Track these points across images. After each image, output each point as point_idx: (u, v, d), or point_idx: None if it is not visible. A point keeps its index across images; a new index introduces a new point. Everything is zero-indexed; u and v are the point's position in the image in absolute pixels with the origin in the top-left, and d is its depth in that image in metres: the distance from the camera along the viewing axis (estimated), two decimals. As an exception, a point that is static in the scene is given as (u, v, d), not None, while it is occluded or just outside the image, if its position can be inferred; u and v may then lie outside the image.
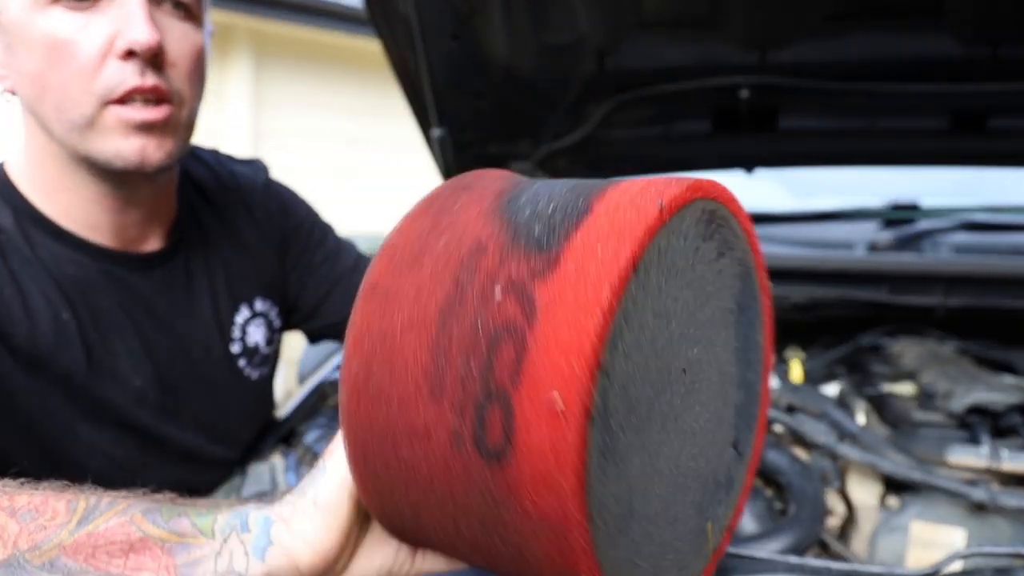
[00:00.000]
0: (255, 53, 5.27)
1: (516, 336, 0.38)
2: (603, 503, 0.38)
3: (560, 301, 0.37)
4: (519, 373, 0.37)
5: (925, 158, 1.60)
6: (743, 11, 1.21)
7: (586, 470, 0.36)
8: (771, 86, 1.35)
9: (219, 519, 0.50)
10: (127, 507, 0.50)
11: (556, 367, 0.36)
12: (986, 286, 1.33)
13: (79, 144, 0.74)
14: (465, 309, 0.40)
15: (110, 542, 0.48)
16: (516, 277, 0.39)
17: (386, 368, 0.42)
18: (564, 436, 0.36)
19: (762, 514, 0.88)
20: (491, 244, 0.42)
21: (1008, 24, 1.19)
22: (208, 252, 0.92)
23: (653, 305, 0.40)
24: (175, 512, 0.50)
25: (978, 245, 1.49)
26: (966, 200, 1.73)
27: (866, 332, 1.39)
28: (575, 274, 0.38)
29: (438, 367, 0.40)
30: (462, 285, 0.41)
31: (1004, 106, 1.39)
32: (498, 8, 1.18)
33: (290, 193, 1.05)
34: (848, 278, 1.38)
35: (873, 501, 0.96)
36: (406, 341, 0.42)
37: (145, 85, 0.72)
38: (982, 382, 1.07)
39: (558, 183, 0.46)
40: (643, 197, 0.40)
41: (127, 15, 0.71)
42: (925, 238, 1.52)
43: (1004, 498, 0.88)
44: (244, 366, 0.94)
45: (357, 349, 0.44)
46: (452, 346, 0.40)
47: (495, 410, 0.38)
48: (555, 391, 0.36)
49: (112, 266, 0.82)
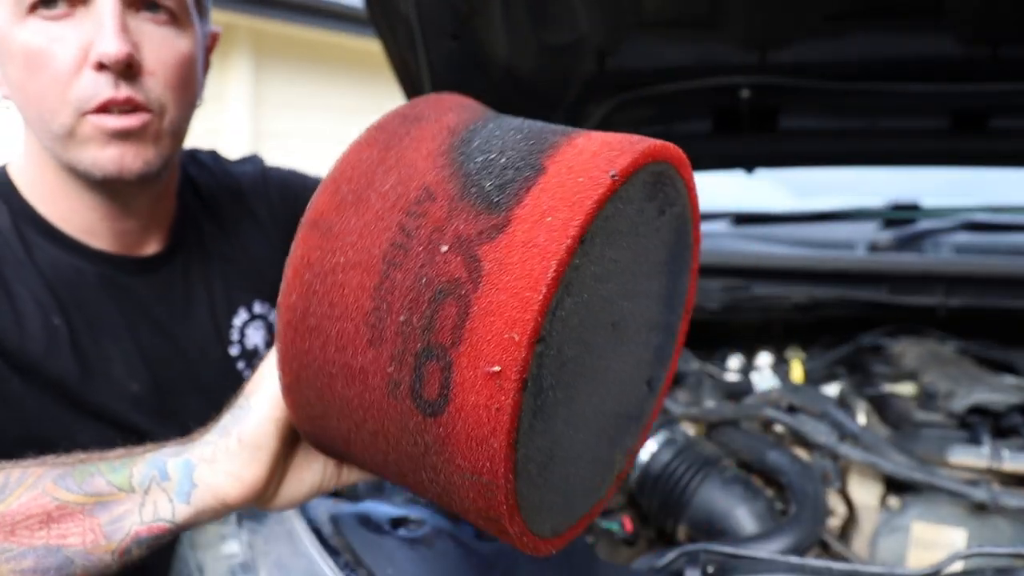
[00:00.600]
0: (255, 54, 5.27)
1: (460, 297, 0.38)
2: (528, 456, 0.40)
3: (507, 269, 0.37)
4: (461, 334, 0.38)
5: (925, 158, 1.60)
6: (743, 11, 1.21)
7: (517, 432, 0.38)
8: (771, 86, 1.35)
9: (135, 472, 0.51)
10: (37, 479, 0.50)
11: (498, 335, 0.37)
12: (987, 286, 1.32)
13: (61, 153, 0.75)
14: (410, 259, 0.40)
15: (27, 516, 0.49)
16: (464, 234, 0.39)
17: (325, 305, 0.43)
18: (499, 401, 0.37)
19: (763, 514, 0.88)
20: (440, 192, 0.41)
21: (1008, 24, 1.19)
22: (206, 255, 0.91)
23: (594, 270, 0.40)
24: (87, 473, 0.51)
25: (979, 245, 1.49)
26: (966, 200, 1.73)
27: (867, 332, 1.39)
28: (523, 243, 0.38)
29: (379, 315, 0.41)
30: (408, 233, 0.41)
31: (1004, 106, 1.39)
32: (498, 8, 1.18)
33: (290, 175, 1.04)
34: (848, 278, 1.38)
35: (874, 501, 0.96)
36: (348, 281, 0.42)
37: (118, 97, 0.72)
38: (983, 382, 1.07)
39: (513, 125, 0.45)
40: (595, 163, 0.40)
41: (99, 27, 0.71)
42: (926, 238, 1.52)
43: (1005, 498, 0.88)
44: (243, 369, 0.94)
45: (296, 281, 0.44)
46: (395, 295, 0.40)
47: (434, 366, 0.39)
48: (495, 361, 0.37)
49: (109, 269, 0.82)
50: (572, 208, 0.38)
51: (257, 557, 0.71)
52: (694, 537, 0.90)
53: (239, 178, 0.99)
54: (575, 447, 0.46)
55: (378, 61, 1.45)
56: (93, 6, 0.71)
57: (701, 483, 0.90)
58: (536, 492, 0.42)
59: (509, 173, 0.40)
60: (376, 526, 0.72)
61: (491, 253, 0.38)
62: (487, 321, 0.37)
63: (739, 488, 0.90)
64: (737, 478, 0.91)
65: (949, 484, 0.90)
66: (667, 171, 0.45)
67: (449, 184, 0.41)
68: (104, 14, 0.71)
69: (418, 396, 0.40)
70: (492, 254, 0.38)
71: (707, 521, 0.89)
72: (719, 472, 0.92)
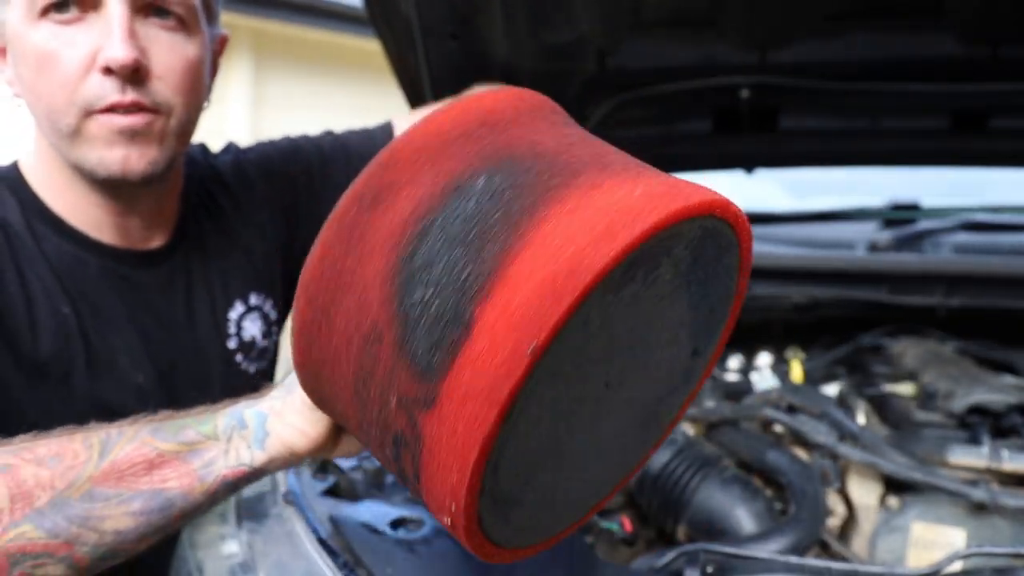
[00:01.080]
0: (255, 54, 5.27)
1: (411, 453, 0.41)
2: (493, 509, 0.43)
3: (440, 444, 0.39)
4: (418, 479, 0.42)
5: (925, 158, 1.60)
6: (743, 11, 1.21)
7: (478, 519, 0.42)
8: (771, 86, 1.35)
9: (219, 423, 0.58)
10: (135, 432, 0.57)
11: (440, 497, 0.41)
12: (986, 286, 1.32)
13: (68, 152, 0.76)
14: (371, 400, 0.43)
15: (133, 464, 0.55)
16: (405, 395, 0.40)
17: (327, 369, 0.46)
18: (455, 517, 0.41)
19: (762, 514, 0.88)
20: (386, 336, 0.41)
21: (1008, 24, 1.19)
22: (204, 250, 0.93)
23: (547, 396, 0.40)
24: (179, 426, 0.58)
25: (978, 245, 1.49)
26: (966, 200, 1.73)
27: (866, 332, 1.39)
28: (450, 427, 0.39)
29: (360, 412, 0.44)
30: (366, 372, 0.42)
31: (1004, 106, 1.39)
32: (498, 8, 1.18)
33: (261, 152, 1.04)
34: (848, 278, 1.38)
35: (873, 501, 0.96)
36: (336, 379, 0.46)
37: (124, 101, 0.73)
38: (983, 382, 1.07)
39: (461, 223, 0.40)
40: (521, 327, 0.37)
41: (108, 32, 0.72)
42: (925, 238, 1.52)
43: (1004, 498, 0.88)
44: (241, 360, 0.95)
45: (299, 342, 0.47)
46: (367, 416, 0.44)
47: (403, 463, 0.43)
48: (445, 511, 0.41)
49: (112, 262, 0.83)
50: (490, 397, 0.37)
51: (256, 557, 0.71)
52: (693, 537, 0.90)
53: (222, 169, 1.00)
54: (554, 491, 0.48)
55: (378, 61, 1.45)
56: (103, 11, 0.73)
57: (700, 483, 0.90)
58: (501, 528, 0.45)
59: (437, 331, 0.39)
60: (375, 527, 0.72)
61: (428, 424, 0.40)
62: (432, 483, 0.41)
63: (738, 488, 0.90)
64: (736, 478, 0.91)
65: (948, 484, 0.90)
66: (657, 246, 0.41)
67: (392, 327, 0.41)
68: (113, 19, 0.72)
69: (398, 465, 0.44)
70: (428, 426, 0.40)
71: (706, 521, 0.89)
72: (718, 472, 0.92)
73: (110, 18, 0.73)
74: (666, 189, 0.41)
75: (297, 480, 0.82)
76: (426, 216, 0.41)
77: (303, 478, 0.83)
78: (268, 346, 1.00)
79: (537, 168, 0.42)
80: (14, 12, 0.75)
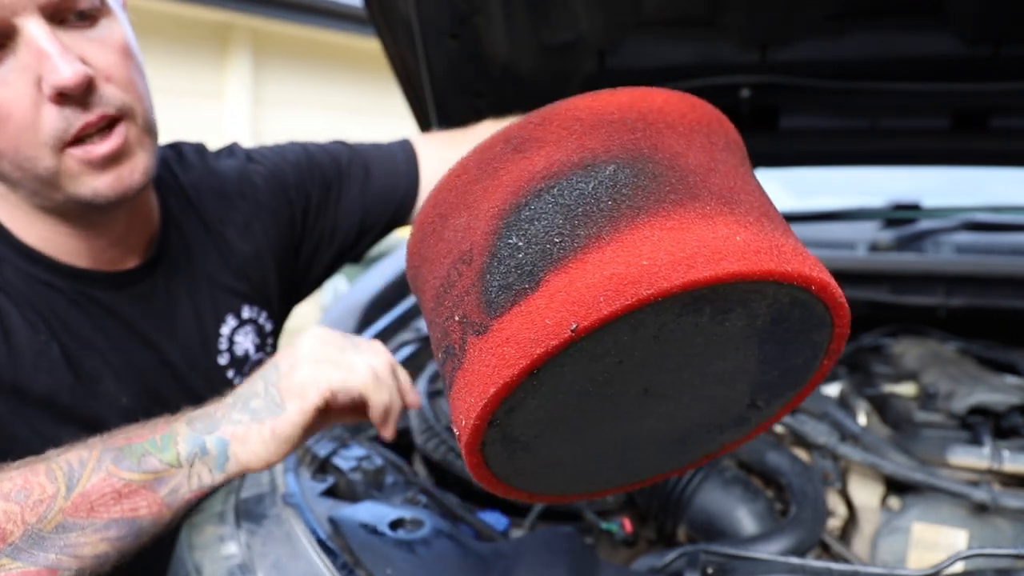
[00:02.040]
0: (254, 52, 5.27)
1: (453, 364, 0.46)
2: (495, 451, 0.48)
3: (474, 367, 0.44)
4: (450, 388, 0.47)
5: (926, 158, 1.59)
6: (743, 10, 1.21)
7: (481, 444, 0.46)
8: (772, 85, 1.34)
9: (180, 450, 0.62)
10: (97, 461, 0.59)
11: (460, 409, 0.45)
12: (988, 286, 1.32)
13: (57, 192, 0.72)
14: (443, 307, 0.47)
15: (102, 495, 0.58)
16: (467, 315, 0.45)
17: (426, 267, 0.52)
18: (464, 430, 0.45)
19: (763, 515, 0.88)
20: (474, 262, 0.45)
21: (1010, 23, 1.19)
22: (191, 263, 0.90)
23: (594, 368, 0.43)
24: (140, 453, 0.61)
25: (980, 245, 1.49)
26: (968, 200, 1.73)
27: (867, 332, 1.39)
28: (489, 354, 0.43)
29: (433, 314, 0.49)
30: (448, 284, 0.47)
31: (1006, 106, 1.38)
32: (498, 7, 1.17)
33: (271, 162, 1.01)
34: (849, 278, 1.37)
35: (874, 502, 0.96)
36: (423, 287, 0.52)
37: (92, 120, 0.69)
38: (984, 382, 1.07)
39: (571, 197, 0.44)
40: (571, 306, 0.40)
41: (41, 58, 0.66)
42: (926, 238, 1.52)
43: (1006, 499, 0.88)
44: (233, 376, 0.93)
45: (415, 236, 0.53)
46: (434, 326, 0.49)
47: (449, 368, 0.48)
48: (459, 419, 0.45)
49: (86, 286, 0.80)
50: (527, 346, 0.41)
51: (255, 558, 0.71)
52: (694, 538, 0.89)
53: (223, 174, 0.96)
54: (562, 457, 0.52)
55: (378, 60, 1.45)
56: (22, 39, 0.66)
57: (701, 484, 0.90)
58: (502, 463, 0.49)
59: (513, 276, 0.43)
60: (374, 527, 0.72)
61: (472, 347, 0.44)
62: (458, 397, 0.46)
63: (739, 489, 0.89)
64: (737, 479, 0.91)
65: (950, 485, 0.89)
66: (732, 293, 0.42)
67: (483, 257, 0.45)
68: (40, 42, 0.65)
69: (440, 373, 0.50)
70: (472, 349, 0.44)
71: (707, 522, 0.88)
72: (719, 473, 0.91)
73: (35, 42, 0.65)
74: (768, 246, 0.42)
75: (296, 481, 0.82)
76: (551, 178, 0.45)
77: (302, 479, 0.83)
78: (263, 358, 0.97)
79: (665, 178, 0.44)
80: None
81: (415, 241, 0.53)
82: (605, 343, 0.41)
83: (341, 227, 1.03)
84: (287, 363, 0.68)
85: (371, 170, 1.05)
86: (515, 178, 0.46)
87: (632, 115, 0.47)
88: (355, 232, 1.04)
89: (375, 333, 1.45)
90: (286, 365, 0.67)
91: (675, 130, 0.47)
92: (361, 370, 0.69)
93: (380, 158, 1.07)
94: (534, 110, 0.48)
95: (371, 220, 1.05)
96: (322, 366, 0.67)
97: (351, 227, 1.04)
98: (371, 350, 0.72)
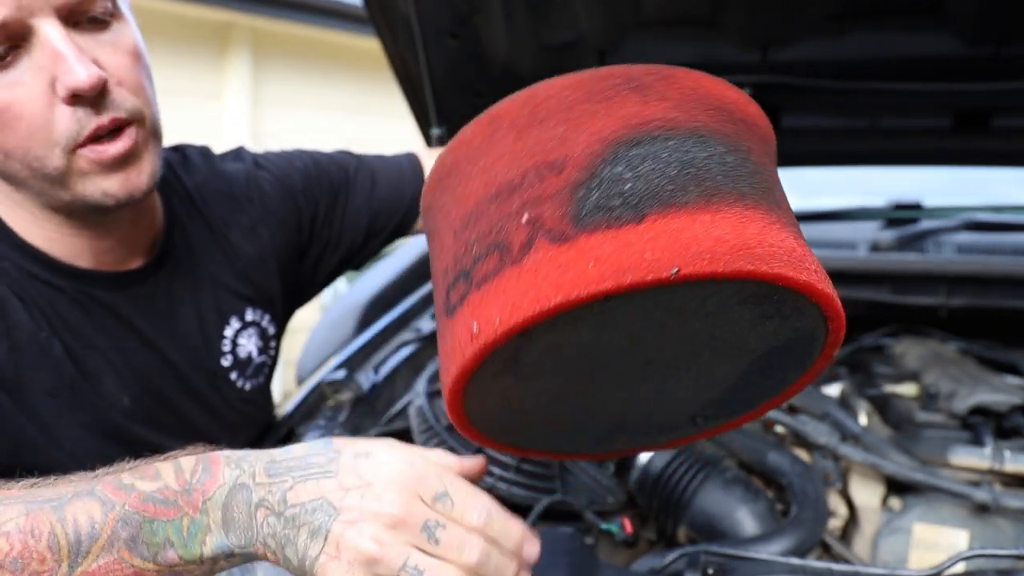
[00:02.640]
0: (253, 52, 5.26)
1: (502, 261, 0.45)
2: (488, 387, 0.48)
3: (536, 270, 0.42)
4: (482, 282, 0.45)
5: (927, 157, 1.59)
6: (744, 10, 1.21)
7: (471, 378, 0.47)
8: (773, 85, 1.34)
9: (206, 550, 0.52)
10: (109, 538, 0.50)
11: (494, 313, 0.43)
12: (989, 286, 1.32)
13: (64, 192, 0.72)
14: (507, 202, 0.46)
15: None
16: (542, 220, 0.44)
17: (454, 179, 0.51)
18: (467, 350, 0.45)
19: (764, 515, 0.88)
20: (568, 171, 0.45)
21: (1011, 22, 1.19)
22: (194, 265, 0.89)
23: (616, 325, 0.44)
24: (161, 541, 0.51)
25: (981, 245, 1.48)
26: (969, 200, 1.73)
27: (868, 332, 1.39)
28: (554, 265, 0.42)
29: (465, 222, 0.48)
30: (520, 184, 0.46)
31: (1007, 105, 1.38)
32: (498, 7, 1.17)
33: (279, 168, 1.01)
34: (850, 278, 1.37)
35: (875, 502, 0.96)
36: (471, 181, 0.50)
37: (104, 123, 0.70)
38: (985, 383, 1.07)
39: (691, 155, 0.45)
40: (662, 252, 0.41)
41: (56, 59, 0.66)
42: (928, 238, 1.51)
43: (1007, 499, 0.87)
44: (236, 378, 0.93)
45: (452, 148, 0.53)
46: (480, 221, 0.47)
47: (462, 285, 0.47)
48: (475, 325, 0.45)
49: (88, 286, 0.80)
50: (599, 278, 0.40)
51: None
52: (694, 538, 0.89)
53: (229, 177, 0.96)
54: (554, 406, 0.53)
55: (378, 60, 1.45)
56: (38, 40, 0.67)
57: (701, 484, 0.90)
58: (485, 403, 0.50)
59: (615, 201, 0.43)
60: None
61: (540, 251, 0.43)
62: (498, 292, 0.44)
63: (740, 489, 0.89)
64: (738, 479, 0.91)
65: (951, 485, 0.89)
66: (776, 292, 0.44)
67: (578, 172, 0.44)
68: (56, 44, 0.66)
69: (449, 294, 0.49)
70: (539, 253, 0.43)
71: (707, 522, 0.88)
72: (719, 473, 0.91)
73: (51, 44, 0.66)
74: (818, 267, 0.46)
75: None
76: (669, 130, 0.46)
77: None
78: (265, 361, 0.97)
79: (759, 176, 0.48)
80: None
81: (480, 128, 0.51)
82: (671, 299, 0.42)
83: (347, 234, 1.04)
84: (353, 510, 0.50)
85: (377, 179, 1.06)
86: (630, 114, 0.46)
87: (736, 111, 0.50)
88: (361, 239, 1.05)
89: (375, 333, 1.45)
90: (351, 510, 0.51)
91: (759, 138, 0.52)
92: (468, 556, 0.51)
93: (386, 168, 1.08)
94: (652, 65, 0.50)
95: (377, 227, 1.05)
96: (399, 540, 0.50)
97: (357, 234, 1.04)
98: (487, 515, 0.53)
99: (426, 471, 0.52)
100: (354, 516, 0.50)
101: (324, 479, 0.52)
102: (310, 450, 0.54)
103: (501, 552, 0.52)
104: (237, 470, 0.53)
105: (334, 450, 0.54)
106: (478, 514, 0.52)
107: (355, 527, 0.50)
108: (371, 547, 0.49)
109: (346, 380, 1.18)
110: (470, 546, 0.51)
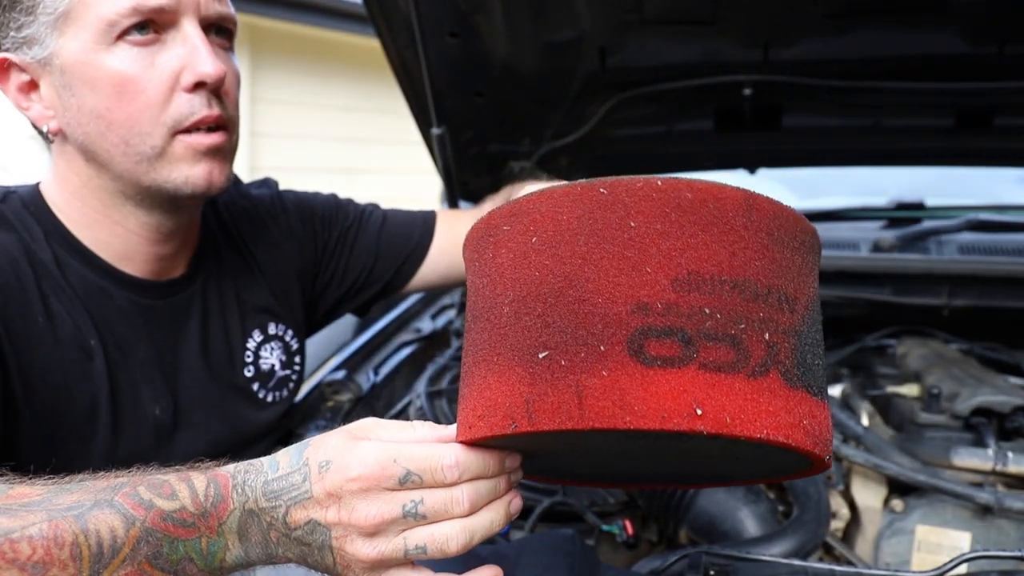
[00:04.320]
0: (251, 51, 5.26)
1: (736, 360, 0.46)
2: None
3: (769, 396, 0.46)
4: (708, 368, 0.47)
5: (930, 157, 1.59)
6: (745, 8, 1.20)
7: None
8: (774, 84, 1.34)
9: (226, 564, 0.54)
10: (133, 548, 0.52)
11: (719, 407, 0.46)
12: (991, 286, 1.32)
13: (146, 175, 0.77)
14: (751, 305, 0.48)
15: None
16: (779, 355, 0.47)
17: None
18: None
19: (765, 517, 0.87)
20: (797, 314, 0.49)
21: (1014, 22, 1.18)
22: (223, 278, 0.93)
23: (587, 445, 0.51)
24: (181, 555, 0.53)
25: (983, 245, 1.48)
26: (971, 199, 1.72)
27: (870, 333, 1.38)
28: (775, 406, 0.46)
29: (696, 283, 0.49)
30: (767, 296, 0.48)
31: (1010, 104, 1.38)
32: (498, 5, 1.17)
33: (301, 195, 1.07)
34: (852, 278, 1.37)
35: (877, 504, 0.95)
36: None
37: (212, 115, 0.77)
38: (987, 383, 1.06)
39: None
40: (813, 431, 0.48)
41: (192, 50, 0.75)
42: (930, 238, 1.51)
43: (1010, 501, 0.87)
44: (258, 390, 0.95)
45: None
46: (715, 298, 0.48)
47: (670, 343, 0.48)
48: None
49: (137, 294, 0.83)
50: (786, 429, 0.46)
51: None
52: (695, 540, 0.89)
53: (255, 200, 1.01)
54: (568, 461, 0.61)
55: (377, 59, 1.44)
56: (180, 31, 0.76)
57: (703, 485, 0.90)
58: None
59: (808, 372, 0.48)
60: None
61: (772, 382, 0.46)
62: (723, 389, 0.46)
63: (741, 490, 0.89)
64: (739, 480, 0.90)
65: (953, 487, 0.89)
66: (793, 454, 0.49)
67: (803, 325, 0.49)
68: (194, 37, 0.75)
69: (646, 341, 0.49)
70: (772, 382, 0.46)
71: (709, 524, 0.88)
72: (721, 474, 0.91)
73: (190, 36, 0.75)
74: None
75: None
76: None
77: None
78: (289, 375, 0.99)
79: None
80: (72, 41, 0.73)
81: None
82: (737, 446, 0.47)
83: (353, 268, 1.08)
84: (339, 526, 0.53)
85: (388, 219, 1.11)
86: (814, 290, 0.53)
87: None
88: (365, 274, 1.08)
89: (374, 333, 1.45)
90: (337, 526, 0.53)
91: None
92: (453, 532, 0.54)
93: (400, 214, 1.13)
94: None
95: (381, 267, 1.09)
96: (388, 536, 0.53)
97: (363, 269, 1.08)
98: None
99: (381, 462, 0.53)
100: (342, 532, 0.53)
101: (306, 500, 0.54)
102: (290, 465, 0.55)
103: (487, 481, 0.55)
104: (243, 496, 0.54)
105: (305, 464, 0.55)
106: (448, 470, 0.53)
107: (348, 541, 0.53)
108: (370, 553, 0.53)
109: (346, 380, 1.18)
110: (455, 499, 0.53)
